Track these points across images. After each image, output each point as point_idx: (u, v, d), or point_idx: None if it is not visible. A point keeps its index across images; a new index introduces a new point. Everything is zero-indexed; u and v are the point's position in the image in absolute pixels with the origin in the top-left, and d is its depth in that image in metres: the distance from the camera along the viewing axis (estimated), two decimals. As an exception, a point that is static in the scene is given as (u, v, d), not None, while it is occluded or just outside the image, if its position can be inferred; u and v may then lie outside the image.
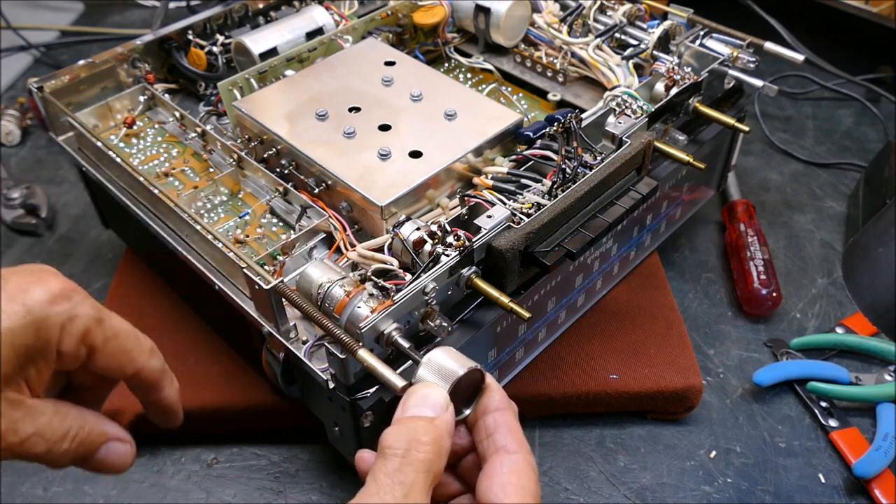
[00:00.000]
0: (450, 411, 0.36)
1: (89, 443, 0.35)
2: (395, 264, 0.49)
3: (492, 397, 0.38)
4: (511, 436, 0.36)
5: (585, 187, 0.51)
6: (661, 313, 0.67)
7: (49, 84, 0.65)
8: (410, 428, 0.34)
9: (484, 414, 0.37)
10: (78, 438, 0.35)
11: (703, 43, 0.67)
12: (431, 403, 0.36)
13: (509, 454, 0.35)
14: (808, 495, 0.58)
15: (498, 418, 0.37)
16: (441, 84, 0.62)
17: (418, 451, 0.33)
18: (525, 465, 0.35)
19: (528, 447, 0.36)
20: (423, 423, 0.35)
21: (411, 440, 0.34)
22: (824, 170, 0.89)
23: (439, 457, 0.34)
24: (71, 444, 0.34)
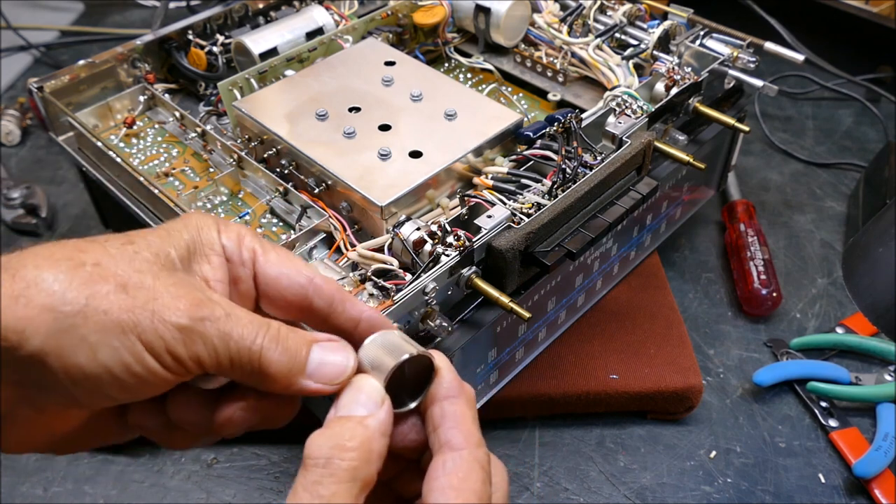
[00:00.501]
0: (385, 408, 0.31)
1: (293, 346, 0.31)
2: (395, 264, 0.49)
3: (439, 384, 0.33)
4: (457, 429, 0.32)
5: (585, 187, 0.51)
6: (661, 313, 0.67)
7: (49, 84, 0.65)
8: (335, 432, 0.30)
9: (431, 404, 0.33)
10: (281, 336, 0.31)
11: (703, 43, 0.67)
12: (364, 399, 0.32)
13: (453, 451, 0.31)
14: (808, 495, 0.58)
15: (445, 408, 0.32)
16: (441, 84, 0.62)
17: (341, 460, 0.29)
18: (471, 464, 0.31)
19: (479, 440, 0.32)
20: (351, 425, 0.30)
21: (334, 446, 0.30)
22: (824, 170, 0.89)
23: (368, 462, 0.30)
24: (270, 341, 0.31)
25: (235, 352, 0.30)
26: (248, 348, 0.30)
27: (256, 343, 0.30)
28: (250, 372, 0.31)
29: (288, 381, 0.31)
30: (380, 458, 0.31)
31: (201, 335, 0.29)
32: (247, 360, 0.30)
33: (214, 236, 0.33)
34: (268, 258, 0.33)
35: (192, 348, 0.29)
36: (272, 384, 0.31)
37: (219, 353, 0.30)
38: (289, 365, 0.31)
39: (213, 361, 0.30)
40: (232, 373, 0.31)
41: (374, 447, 0.30)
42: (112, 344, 0.28)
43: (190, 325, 0.29)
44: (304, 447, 0.30)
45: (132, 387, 0.29)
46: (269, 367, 0.31)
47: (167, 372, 0.29)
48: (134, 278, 0.29)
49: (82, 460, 0.60)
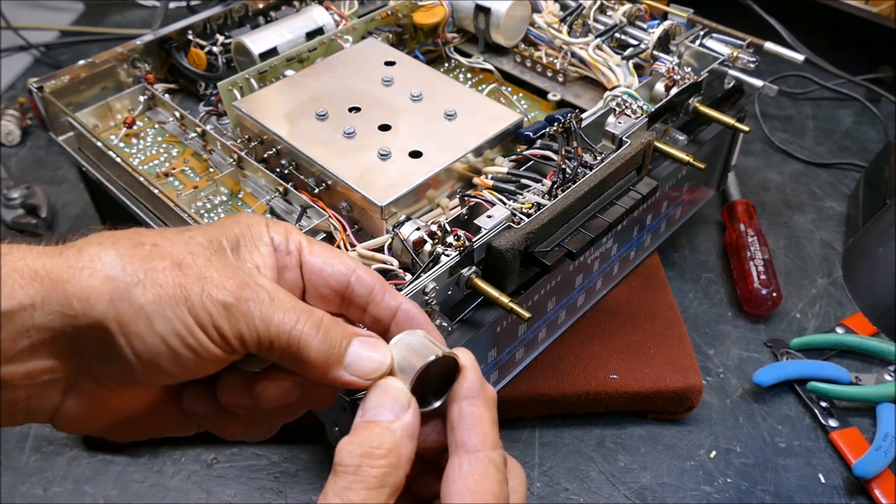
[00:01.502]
0: (412, 411, 0.32)
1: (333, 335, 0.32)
2: (395, 264, 0.49)
3: (461, 384, 0.33)
4: (474, 430, 0.32)
5: (585, 187, 0.51)
6: (661, 313, 0.67)
7: (49, 84, 0.65)
8: (364, 438, 0.31)
9: (450, 403, 0.33)
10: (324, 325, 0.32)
11: (703, 43, 0.67)
12: (390, 403, 0.32)
13: (469, 453, 0.32)
14: (808, 495, 0.58)
15: (464, 409, 0.33)
16: (441, 84, 0.62)
17: (371, 467, 0.30)
18: (487, 466, 0.31)
19: (495, 441, 0.32)
20: (379, 431, 0.31)
21: (364, 454, 0.30)
22: (824, 170, 0.89)
23: (397, 468, 0.31)
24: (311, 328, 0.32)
25: (276, 334, 0.31)
26: (287, 332, 0.31)
27: (297, 328, 0.31)
28: (289, 356, 0.32)
29: (325, 369, 0.32)
30: (408, 461, 0.31)
31: (244, 314, 0.30)
32: (286, 344, 0.31)
33: (263, 230, 0.35)
34: (313, 250, 0.35)
35: (236, 326, 0.30)
36: (309, 370, 0.32)
37: (259, 333, 0.31)
38: (327, 353, 0.32)
39: (255, 340, 0.31)
40: (272, 354, 0.32)
41: (403, 452, 0.31)
42: (167, 314, 0.29)
43: (234, 304, 0.30)
44: (335, 453, 0.31)
45: (185, 360, 0.30)
46: (308, 352, 0.32)
47: (214, 346, 0.30)
48: (188, 259, 0.31)
49: (82, 460, 0.60)
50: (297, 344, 0.31)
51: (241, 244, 0.34)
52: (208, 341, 0.30)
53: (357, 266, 0.35)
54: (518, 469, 0.34)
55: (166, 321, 0.29)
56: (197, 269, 0.31)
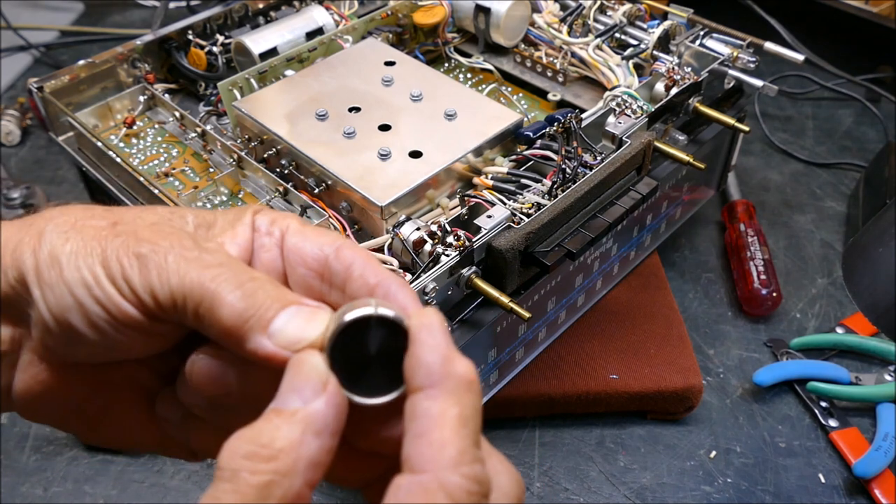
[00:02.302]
0: (326, 397, 0.24)
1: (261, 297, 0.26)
2: (395, 264, 0.49)
3: (411, 365, 0.24)
4: (424, 438, 0.23)
5: (585, 187, 0.51)
6: (661, 313, 0.67)
7: (49, 84, 0.65)
8: (254, 433, 0.24)
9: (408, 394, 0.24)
10: (248, 282, 0.26)
11: (703, 43, 0.67)
12: (300, 385, 0.24)
13: (412, 474, 0.23)
14: (808, 495, 0.58)
15: (417, 405, 0.24)
16: (441, 84, 0.62)
17: (251, 473, 0.23)
18: (432, 495, 0.22)
19: (455, 456, 0.23)
20: (275, 424, 0.24)
21: (247, 454, 0.23)
22: (824, 170, 0.89)
23: (288, 475, 0.23)
24: (228, 282, 0.26)
25: (189, 287, 0.25)
26: (201, 284, 0.25)
27: (214, 281, 0.25)
28: (203, 317, 0.26)
29: (242, 334, 0.25)
30: (311, 467, 0.24)
31: (158, 266, 0.26)
32: (199, 300, 0.25)
33: (248, 213, 0.30)
34: (298, 229, 0.29)
35: (147, 278, 0.26)
36: (222, 332, 0.26)
37: (172, 287, 0.26)
38: (244, 314, 0.25)
39: (167, 296, 0.26)
40: (185, 316, 0.26)
41: (303, 454, 0.23)
42: (77, 264, 0.26)
43: (148, 254, 0.26)
44: None
45: (95, 317, 0.26)
46: (221, 309, 0.25)
47: (124, 301, 0.26)
48: (130, 220, 0.28)
49: (82, 460, 0.60)
50: (210, 299, 0.25)
51: (215, 225, 0.29)
52: (117, 295, 0.26)
53: (342, 243, 0.28)
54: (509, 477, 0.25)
55: (75, 270, 0.26)
56: (131, 227, 0.27)
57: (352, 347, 0.25)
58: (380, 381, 0.25)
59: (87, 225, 0.27)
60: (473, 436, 0.24)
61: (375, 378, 0.25)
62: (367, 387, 0.25)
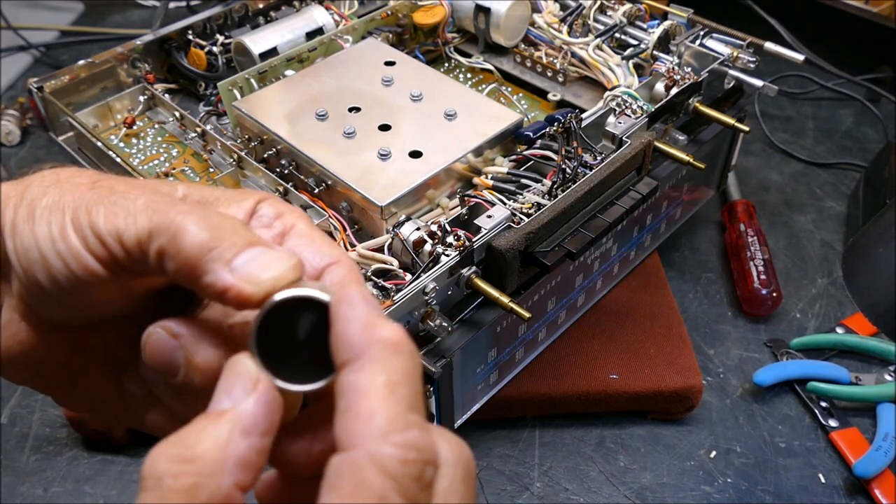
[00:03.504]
0: (256, 396, 0.23)
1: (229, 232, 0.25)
2: (395, 264, 0.49)
3: (333, 339, 0.23)
4: (351, 413, 0.22)
5: (585, 187, 0.51)
6: (661, 313, 0.67)
7: (49, 84, 0.65)
8: (179, 437, 0.23)
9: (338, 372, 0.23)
10: (214, 218, 0.25)
11: (703, 43, 0.67)
12: (230, 385, 0.24)
13: (342, 452, 0.22)
14: (808, 495, 0.58)
15: (343, 381, 0.23)
16: (441, 84, 0.62)
17: (174, 478, 0.22)
18: (363, 473, 0.21)
19: (390, 422, 0.21)
20: (199, 428, 0.23)
21: (172, 457, 0.22)
22: (824, 170, 0.89)
23: (213, 476, 0.22)
24: (193, 215, 0.25)
25: (156, 223, 0.25)
26: (168, 216, 0.25)
27: (182, 213, 0.25)
28: (165, 247, 0.25)
29: (201, 264, 0.24)
30: (239, 467, 0.22)
31: (125, 208, 0.25)
32: (164, 227, 0.25)
33: (251, 198, 0.29)
34: (301, 231, 0.28)
35: (113, 221, 0.25)
36: (182, 264, 0.25)
37: (138, 227, 0.25)
38: (208, 244, 0.24)
39: (132, 238, 0.25)
40: (148, 254, 0.25)
41: (229, 453, 0.22)
42: (48, 218, 0.26)
43: (118, 200, 0.26)
44: None
45: (57, 272, 0.26)
46: (184, 237, 0.24)
47: (87, 254, 0.26)
48: (110, 181, 0.27)
49: (82, 460, 0.60)
50: (174, 231, 0.24)
51: (211, 203, 0.28)
52: (80, 247, 0.25)
53: (340, 260, 0.27)
54: (451, 452, 0.23)
55: (45, 224, 0.26)
56: (110, 182, 0.27)
57: (283, 335, 0.24)
58: (313, 369, 0.24)
59: (69, 181, 0.27)
60: (406, 401, 0.22)
61: (309, 366, 0.24)
62: (299, 375, 0.24)
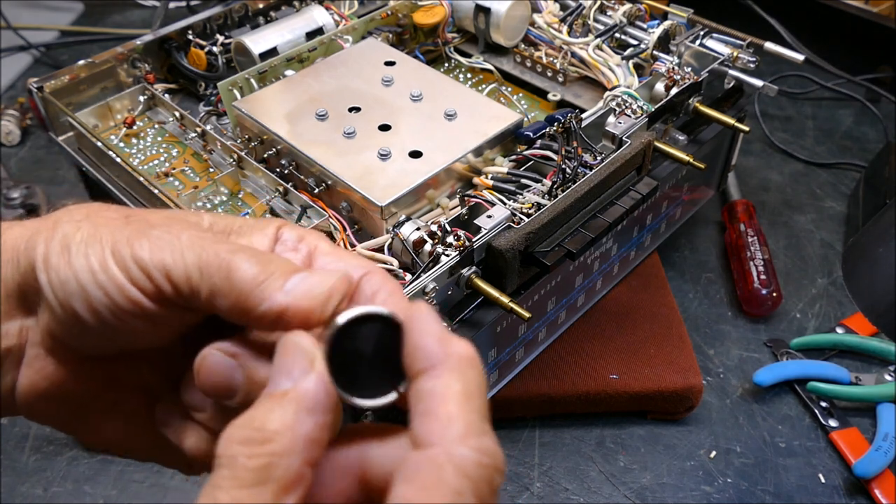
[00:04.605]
0: (315, 376, 0.24)
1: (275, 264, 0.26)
2: (395, 264, 0.49)
3: (411, 354, 0.24)
4: (431, 416, 0.23)
5: (585, 187, 0.51)
6: (661, 313, 0.67)
7: (49, 84, 0.65)
8: (246, 419, 0.24)
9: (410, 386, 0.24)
10: (261, 252, 0.27)
11: (703, 43, 0.67)
12: (289, 365, 0.24)
13: (420, 450, 0.22)
14: (808, 495, 0.58)
15: (420, 387, 0.23)
16: (441, 84, 0.62)
17: (247, 457, 0.23)
18: (441, 469, 0.22)
19: (462, 430, 0.22)
20: (266, 409, 0.23)
21: (243, 439, 0.23)
22: (824, 170, 0.89)
23: (285, 455, 0.23)
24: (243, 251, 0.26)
25: (205, 261, 0.26)
26: (217, 255, 0.26)
27: (231, 251, 0.26)
28: (219, 286, 0.26)
29: (254, 294, 0.25)
30: (309, 445, 0.23)
31: (171, 244, 0.26)
32: (216, 267, 0.26)
33: (272, 225, 0.30)
34: (325, 250, 0.29)
35: (159, 255, 0.26)
36: (236, 298, 0.26)
37: (187, 263, 0.26)
38: (260, 276, 0.26)
39: (181, 273, 0.26)
40: (199, 291, 0.26)
41: (299, 432, 0.23)
42: (86, 251, 0.27)
43: (161, 234, 0.27)
44: None
45: (98, 304, 0.26)
46: (236, 272, 0.26)
47: (131, 286, 0.26)
48: (142, 215, 0.28)
49: (82, 460, 0.60)
50: (226, 268, 0.26)
51: (235, 232, 0.29)
52: (123, 279, 0.26)
53: (373, 269, 0.28)
54: None
55: (83, 257, 0.26)
56: (143, 216, 0.27)
57: (350, 351, 0.25)
58: (379, 383, 0.25)
59: (100, 215, 0.28)
60: (480, 411, 0.24)
61: (374, 380, 0.25)
62: (367, 389, 0.25)
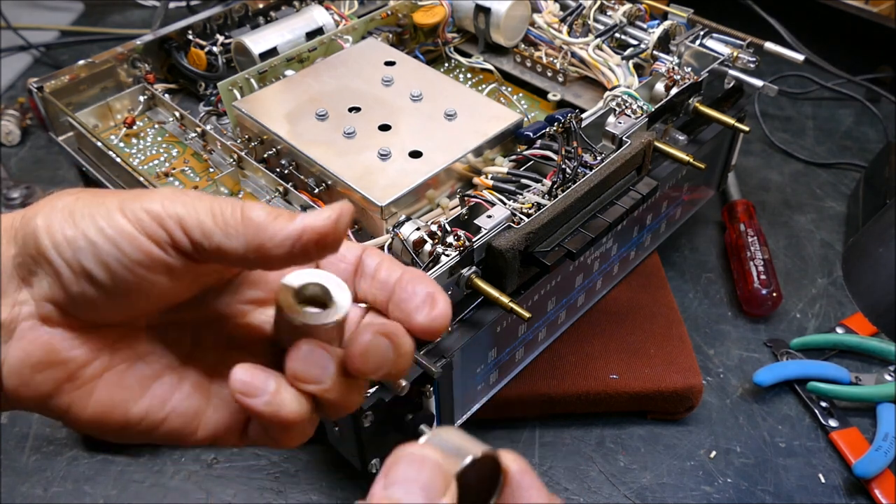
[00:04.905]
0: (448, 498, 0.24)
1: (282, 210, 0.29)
2: (395, 264, 0.49)
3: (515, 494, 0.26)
4: None
5: (585, 187, 0.51)
6: (661, 313, 0.67)
7: (49, 84, 0.65)
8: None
9: None
10: None
11: (703, 43, 0.67)
12: (424, 482, 0.24)
13: None
14: (808, 495, 0.58)
15: None
16: (441, 84, 0.62)
17: None
18: None
19: None
20: None
21: None
22: (824, 170, 0.89)
23: None
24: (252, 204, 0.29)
25: (217, 208, 0.28)
26: (227, 202, 0.28)
27: (240, 203, 0.29)
28: (232, 223, 0.28)
29: (273, 225, 0.28)
30: None
31: (180, 196, 0.28)
32: (229, 212, 0.28)
33: (357, 247, 0.33)
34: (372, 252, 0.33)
35: (170, 206, 0.28)
36: (255, 231, 0.28)
37: (198, 209, 0.28)
38: (272, 213, 0.28)
39: (194, 218, 0.28)
40: (213, 231, 0.28)
41: None
42: (90, 213, 0.28)
43: (175, 194, 0.28)
44: None
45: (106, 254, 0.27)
46: (251, 211, 0.28)
47: (144, 235, 0.27)
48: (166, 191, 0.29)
49: (82, 460, 0.60)
50: (239, 209, 0.28)
51: None
52: (132, 228, 0.27)
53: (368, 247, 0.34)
54: None
55: (89, 217, 0.28)
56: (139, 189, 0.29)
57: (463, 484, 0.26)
58: None
59: (94, 190, 0.29)
60: None
61: None
62: None
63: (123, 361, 0.31)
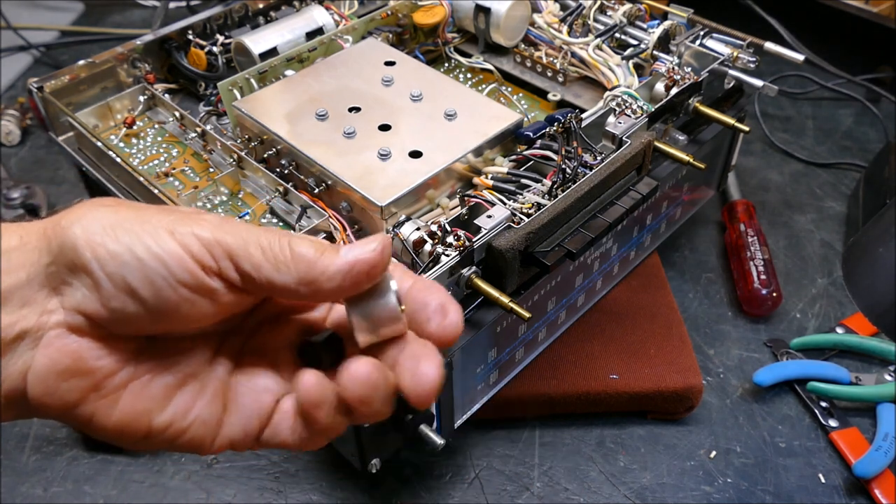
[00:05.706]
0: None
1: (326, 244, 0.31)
2: (395, 264, 0.49)
3: None
4: None
5: (585, 187, 0.51)
6: (661, 313, 0.67)
7: (49, 84, 0.65)
8: None
9: None
10: None
11: (703, 43, 0.67)
12: None
13: None
14: (808, 495, 0.58)
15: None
16: (441, 84, 0.62)
17: None
18: None
19: None
20: None
21: None
22: (824, 170, 0.89)
23: None
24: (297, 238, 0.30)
25: (266, 241, 0.29)
26: (277, 236, 0.30)
27: (282, 234, 0.30)
28: (282, 258, 0.29)
29: (322, 259, 0.29)
30: None
31: (229, 227, 0.29)
32: (278, 246, 0.29)
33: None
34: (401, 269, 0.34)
35: (220, 235, 0.28)
36: (307, 266, 0.29)
37: (247, 241, 0.29)
38: (319, 248, 0.30)
39: (243, 250, 0.29)
40: (262, 264, 0.29)
41: None
42: (136, 230, 0.28)
43: (222, 222, 0.29)
44: None
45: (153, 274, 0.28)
46: (299, 246, 0.29)
47: (189, 258, 0.28)
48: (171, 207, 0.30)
49: (82, 460, 0.60)
50: (287, 245, 0.29)
51: None
52: (179, 249, 0.28)
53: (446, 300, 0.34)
54: None
55: (135, 235, 0.28)
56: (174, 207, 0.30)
57: None
58: None
59: (129, 203, 0.29)
60: None
61: None
62: None
63: (148, 371, 0.31)
